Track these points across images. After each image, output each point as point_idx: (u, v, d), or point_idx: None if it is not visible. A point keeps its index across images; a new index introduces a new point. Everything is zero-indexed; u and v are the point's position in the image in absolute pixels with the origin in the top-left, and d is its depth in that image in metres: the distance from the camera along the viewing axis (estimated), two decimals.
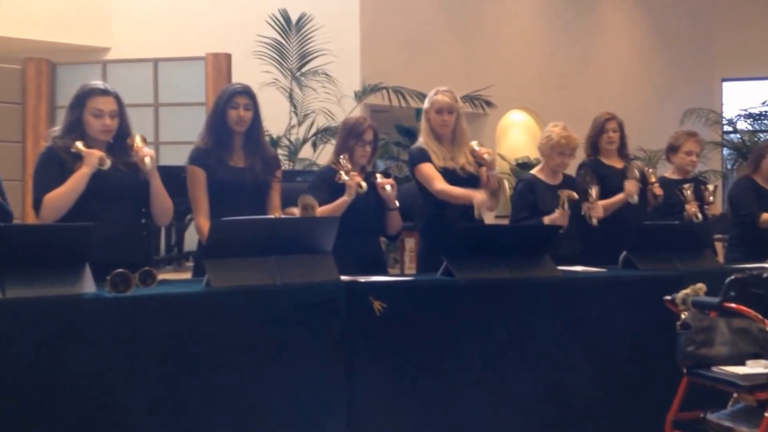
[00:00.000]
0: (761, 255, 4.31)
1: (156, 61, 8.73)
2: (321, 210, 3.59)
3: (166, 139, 9.27)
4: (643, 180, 4.40)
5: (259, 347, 2.84)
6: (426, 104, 3.96)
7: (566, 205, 3.88)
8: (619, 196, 4.24)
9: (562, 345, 3.39)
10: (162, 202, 3.28)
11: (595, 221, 4.01)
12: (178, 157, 7.47)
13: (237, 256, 2.90)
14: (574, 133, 4.09)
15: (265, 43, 7.67)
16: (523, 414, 3.32)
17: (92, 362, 2.56)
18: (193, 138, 3.66)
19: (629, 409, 3.49)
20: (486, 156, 3.87)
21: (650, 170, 4.52)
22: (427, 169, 3.83)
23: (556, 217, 3.89)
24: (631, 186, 4.23)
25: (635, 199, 4.22)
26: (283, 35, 7.73)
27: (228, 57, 7.62)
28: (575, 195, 3.95)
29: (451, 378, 3.20)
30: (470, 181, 3.92)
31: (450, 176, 3.84)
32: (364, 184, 3.61)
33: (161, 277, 2.95)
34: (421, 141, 3.94)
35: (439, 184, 3.79)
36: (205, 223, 3.36)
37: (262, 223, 3.14)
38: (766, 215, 4.66)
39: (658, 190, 4.38)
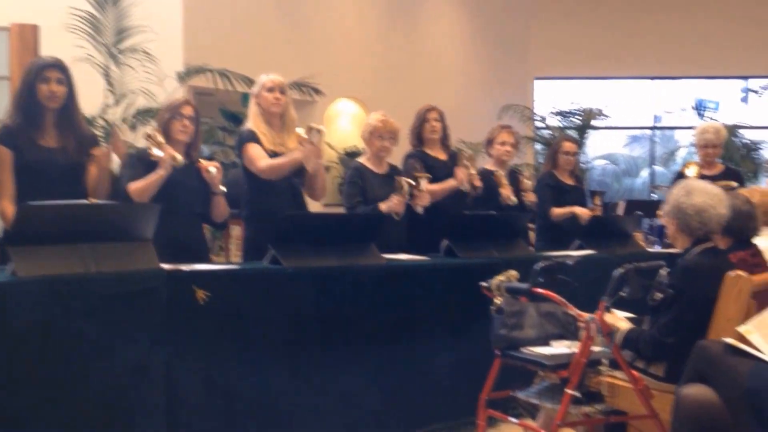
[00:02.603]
0: (561, 243, 4.67)
1: None
2: (134, 187, 3.43)
3: None
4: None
5: (73, 338, 2.68)
6: (255, 88, 3.91)
7: (404, 190, 3.96)
8: (450, 183, 4.38)
9: (387, 331, 3.48)
10: None
11: (420, 209, 4.13)
12: None
13: (46, 244, 2.73)
14: (392, 119, 4.21)
15: (78, 15, 7.18)
16: (346, 401, 3.36)
17: None
18: None
19: (451, 391, 3.64)
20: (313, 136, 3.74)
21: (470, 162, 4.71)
22: (253, 150, 3.76)
23: (394, 203, 3.97)
24: (461, 173, 4.38)
25: (466, 186, 4.36)
26: (98, 8, 7.28)
27: (35, 28, 7.04)
28: (412, 182, 4.04)
29: (274, 367, 3.18)
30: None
31: None
32: (179, 157, 3.46)
33: None
34: (250, 124, 3.86)
35: (263, 162, 3.73)
36: (9, 208, 3.14)
37: (75, 208, 2.95)
38: (556, 210, 5.01)
39: (477, 182, 4.58)
